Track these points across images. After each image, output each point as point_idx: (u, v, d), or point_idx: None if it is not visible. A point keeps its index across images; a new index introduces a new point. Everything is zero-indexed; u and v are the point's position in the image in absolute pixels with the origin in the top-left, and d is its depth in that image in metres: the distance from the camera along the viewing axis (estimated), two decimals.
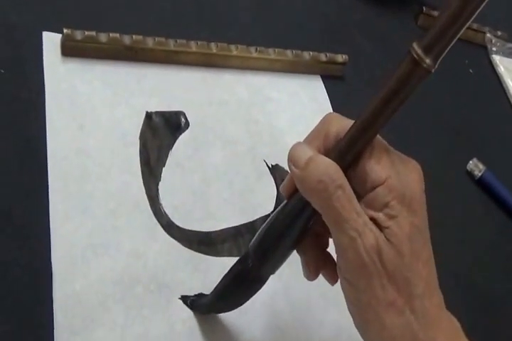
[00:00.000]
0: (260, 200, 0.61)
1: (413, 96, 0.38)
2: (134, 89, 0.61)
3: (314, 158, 0.40)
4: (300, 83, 0.73)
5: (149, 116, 0.60)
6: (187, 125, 0.62)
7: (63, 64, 0.59)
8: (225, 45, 0.67)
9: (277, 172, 0.64)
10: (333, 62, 0.75)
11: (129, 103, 0.60)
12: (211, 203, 0.59)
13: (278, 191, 0.62)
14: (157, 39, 0.63)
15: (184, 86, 0.65)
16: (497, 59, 0.96)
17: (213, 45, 0.66)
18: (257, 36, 0.72)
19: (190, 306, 0.52)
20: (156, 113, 0.61)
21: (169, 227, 0.55)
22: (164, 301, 0.51)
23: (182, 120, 0.62)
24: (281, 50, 0.71)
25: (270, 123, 0.67)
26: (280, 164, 0.64)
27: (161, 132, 0.60)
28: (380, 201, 0.39)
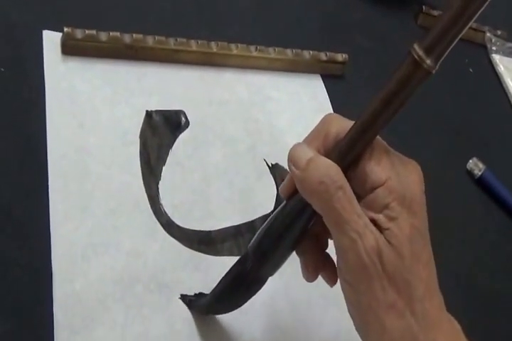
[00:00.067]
0: (260, 199, 0.61)
1: (413, 95, 0.38)
2: (134, 87, 0.61)
3: (315, 159, 0.40)
4: (300, 82, 0.73)
5: (149, 114, 0.60)
6: (187, 124, 0.62)
7: (63, 62, 0.59)
8: (225, 44, 0.67)
9: (277, 171, 0.64)
10: (333, 61, 0.75)
11: (129, 102, 0.60)
12: (211, 202, 0.59)
13: (278, 190, 0.62)
14: (157, 38, 0.63)
15: (184, 85, 0.65)
16: (497, 58, 0.95)
17: (213, 44, 0.66)
18: (257, 35, 0.72)
19: (188, 306, 0.52)
20: (156, 112, 0.61)
21: (169, 226, 0.55)
22: (164, 300, 0.51)
23: (182, 119, 0.62)
24: (281, 49, 0.71)
25: (270, 122, 0.67)
26: (280, 163, 0.64)
27: (161, 131, 0.60)
28: (380, 202, 0.39)
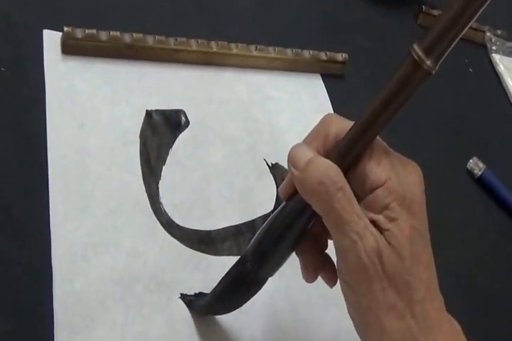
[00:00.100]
0: (260, 199, 0.61)
1: (413, 96, 0.38)
2: (134, 87, 0.61)
3: (314, 160, 0.40)
4: (300, 82, 0.73)
5: (149, 114, 0.60)
6: (187, 123, 0.62)
7: (64, 62, 0.59)
8: (225, 44, 0.67)
9: (277, 170, 0.64)
10: (333, 60, 0.75)
11: (129, 101, 0.60)
12: (211, 202, 0.59)
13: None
14: (157, 37, 0.63)
15: (184, 84, 0.64)
16: (497, 58, 0.95)
17: (213, 44, 0.66)
18: (257, 35, 0.72)
19: (188, 306, 0.52)
20: (156, 111, 0.61)
21: (169, 226, 0.55)
22: (164, 300, 0.51)
23: (182, 118, 0.62)
24: (281, 49, 0.71)
25: (270, 121, 0.67)
26: (280, 163, 0.64)
27: (161, 130, 0.60)
28: (380, 203, 0.39)
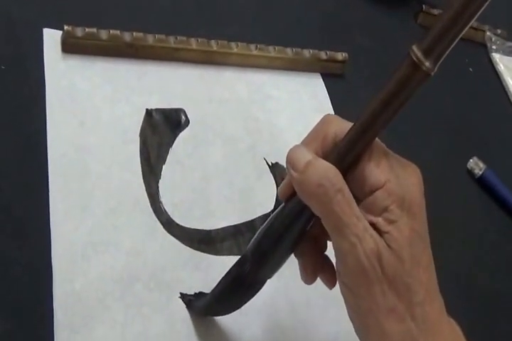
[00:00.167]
0: (260, 198, 0.61)
1: (413, 96, 0.38)
2: (135, 86, 0.61)
3: (313, 162, 0.39)
4: (300, 81, 0.73)
5: (149, 113, 0.60)
6: (187, 122, 0.62)
7: (64, 61, 0.59)
8: (225, 43, 0.67)
9: (277, 170, 0.64)
10: (333, 60, 0.75)
11: (130, 100, 0.60)
12: (211, 201, 0.59)
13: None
14: (157, 36, 0.63)
15: (184, 83, 0.64)
16: (497, 57, 0.95)
17: (213, 43, 0.66)
18: (258, 34, 0.72)
19: (187, 306, 0.52)
20: (156, 110, 0.61)
21: (169, 225, 0.55)
22: (164, 299, 0.51)
23: (182, 117, 0.62)
24: (281, 48, 0.71)
25: (270, 121, 0.67)
26: (280, 162, 0.64)
27: (161, 129, 0.60)
28: (379, 205, 0.39)
